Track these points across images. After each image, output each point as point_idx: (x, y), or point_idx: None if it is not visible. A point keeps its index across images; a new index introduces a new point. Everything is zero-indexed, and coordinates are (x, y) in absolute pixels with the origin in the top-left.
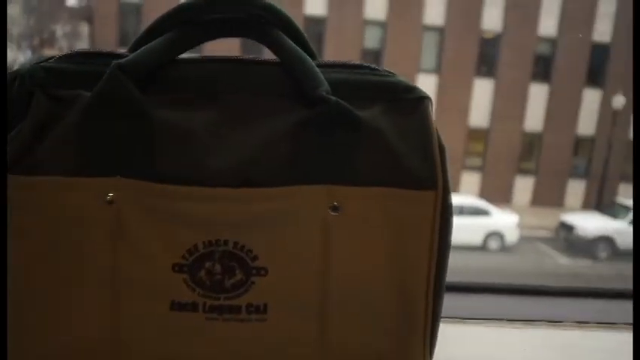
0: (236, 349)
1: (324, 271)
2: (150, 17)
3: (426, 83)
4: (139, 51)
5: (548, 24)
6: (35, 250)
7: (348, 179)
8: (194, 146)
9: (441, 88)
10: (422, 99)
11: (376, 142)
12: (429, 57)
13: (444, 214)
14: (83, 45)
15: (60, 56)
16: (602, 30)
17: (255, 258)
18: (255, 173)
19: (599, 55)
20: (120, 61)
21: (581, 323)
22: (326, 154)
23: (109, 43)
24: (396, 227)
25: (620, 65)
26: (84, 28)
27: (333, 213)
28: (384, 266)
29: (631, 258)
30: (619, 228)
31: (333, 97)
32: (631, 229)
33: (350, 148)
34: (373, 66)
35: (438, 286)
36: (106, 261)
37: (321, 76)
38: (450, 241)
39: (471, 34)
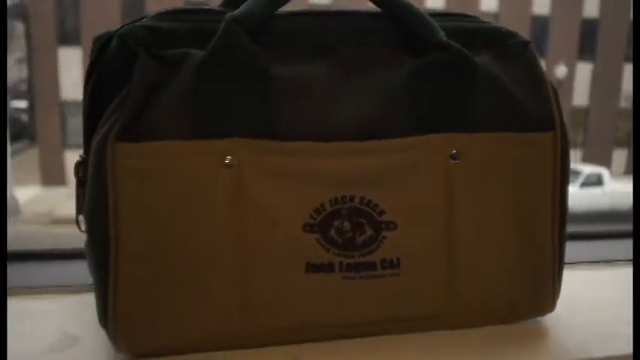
0: (372, 307)
1: (449, 219)
2: (89, 12)
3: None
4: (247, 3)
5: None
6: (153, 221)
7: (467, 126)
8: (312, 100)
9: None
10: (526, 43)
11: (492, 87)
12: None
13: (564, 153)
14: (19, 43)
15: (154, 15)
16: (542, 2)
17: (382, 212)
18: (378, 125)
19: (540, 26)
20: (234, 13)
21: None
22: (444, 102)
23: (47, 39)
24: (516, 171)
25: (560, 36)
26: (19, 26)
27: (453, 161)
28: (508, 211)
29: (578, 220)
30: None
31: (455, 44)
32: (580, 192)
33: (467, 95)
34: (468, 14)
35: (562, 227)
36: (231, 226)
37: (436, 24)
38: (569, 180)
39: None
